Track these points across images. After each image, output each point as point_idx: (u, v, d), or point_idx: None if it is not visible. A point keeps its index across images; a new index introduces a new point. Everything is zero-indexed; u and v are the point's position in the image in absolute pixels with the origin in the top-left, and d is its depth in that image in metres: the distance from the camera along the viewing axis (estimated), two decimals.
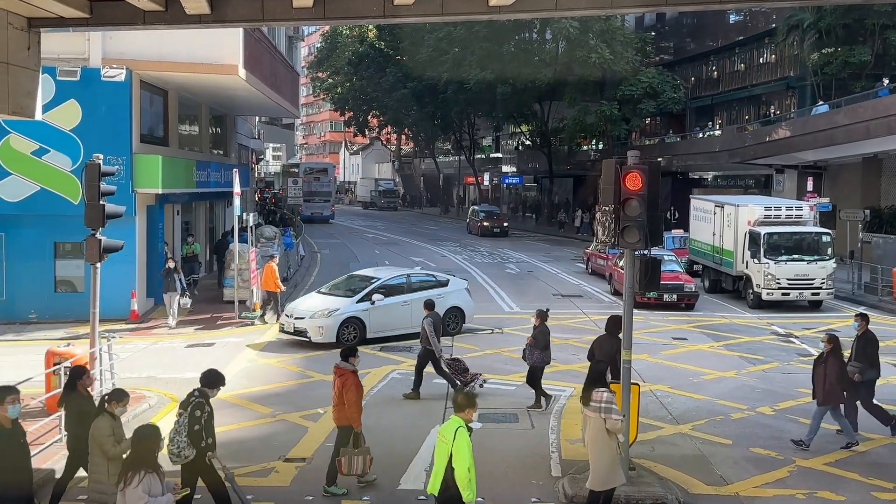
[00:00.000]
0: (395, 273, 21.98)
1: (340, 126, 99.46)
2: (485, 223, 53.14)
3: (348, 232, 57.69)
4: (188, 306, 22.67)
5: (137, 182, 22.47)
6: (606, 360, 11.92)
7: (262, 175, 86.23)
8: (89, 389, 10.57)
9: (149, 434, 7.78)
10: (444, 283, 21.58)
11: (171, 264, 21.71)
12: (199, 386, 9.65)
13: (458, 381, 15.21)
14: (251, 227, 26.08)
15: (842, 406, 12.87)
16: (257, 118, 51.26)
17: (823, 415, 12.66)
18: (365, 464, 10.80)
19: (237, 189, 24.24)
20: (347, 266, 36.71)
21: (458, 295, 21.43)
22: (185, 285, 22.51)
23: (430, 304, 15.93)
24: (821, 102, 37.94)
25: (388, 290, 20.44)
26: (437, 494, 8.23)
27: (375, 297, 20.01)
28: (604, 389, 9.65)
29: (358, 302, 19.98)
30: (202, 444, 9.20)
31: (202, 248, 26.27)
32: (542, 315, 14.84)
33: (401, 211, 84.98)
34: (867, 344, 13.29)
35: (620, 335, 11.78)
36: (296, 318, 19.93)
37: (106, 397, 9.04)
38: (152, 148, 24.08)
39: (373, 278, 21.05)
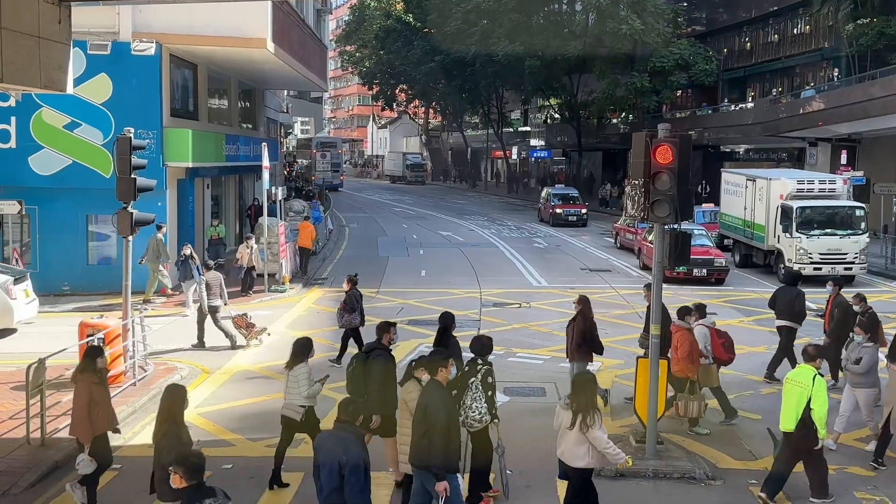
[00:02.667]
0: None
1: (368, 100, 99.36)
2: (557, 210, 43.50)
3: (376, 206, 57.81)
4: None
5: (168, 156, 22.64)
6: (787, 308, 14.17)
7: (291, 149, 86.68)
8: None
9: (592, 379, 8.72)
10: None
11: (186, 251, 20.88)
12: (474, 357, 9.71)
13: (238, 335, 17.06)
14: (280, 201, 26.20)
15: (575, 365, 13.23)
16: (286, 92, 51.36)
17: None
18: (699, 409, 11.84)
19: (266, 163, 24.34)
20: (375, 240, 36.89)
21: None
22: (202, 272, 21.40)
23: (208, 266, 17.93)
24: (808, 87, 37.39)
25: None
26: (793, 431, 9.53)
27: None
28: None
29: None
30: (494, 410, 9.32)
31: (227, 231, 25.52)
32: (352, 280, 15.89)
33: (429, 185, 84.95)
34: (665, 314, 13.50)
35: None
36: None
37: (413, 363, 9.18)
38: (182, 122, 24.23)
39: None
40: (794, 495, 10.08)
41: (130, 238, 14.53)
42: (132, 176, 14.27)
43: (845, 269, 25.14)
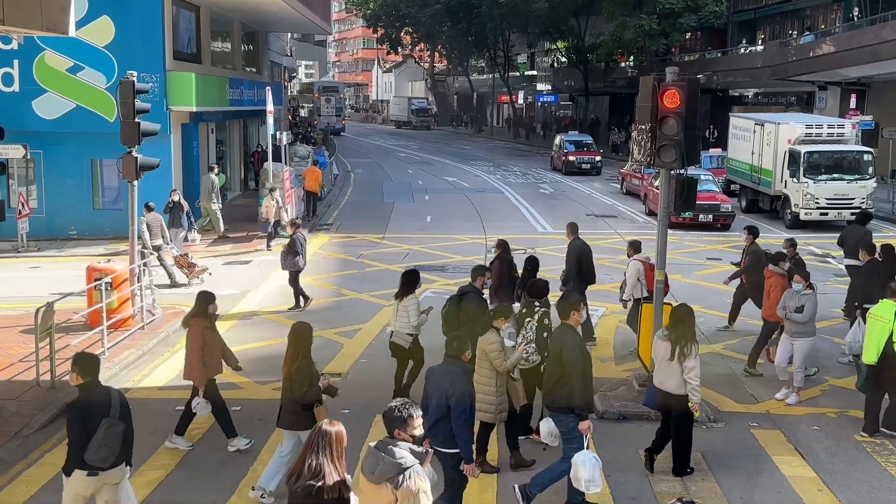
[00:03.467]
0: None
1: (373, 43, 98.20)
2: (570, 157, 41.43)
3: (381, 151, 57.56)
4: (197, 242, 21.45)
5: (171, 100, 22.50)
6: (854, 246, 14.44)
7: (295, 93, 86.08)
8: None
9: (690, 312, 9.16)
10: None
11: (175, 197, 19.99)
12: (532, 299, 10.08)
13: (178, 275, 17.76)
14: (285, 146, 26.08)
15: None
16: (289, 35, 50.80)
17: None
18: None
19: (270, 107, 24.18)
20: (380, 186, 36.85)
21: None
22: (192, 220, 20.95)
23: (147, 207, 17.86)
24: (807, 33, 36.66)
25: None
26: (874, 363, 9.97)
27: None
28: None
29: None
30: (546, 353, 9.51)
31: (226, 180, 24.62)
32: (295, 223, 16.42)
33: (434, 130, 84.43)
34: (570, 252, 14.05)
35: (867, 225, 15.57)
36: None
37: (491, 313, 9.32)
38: (185, 65, 24.03)
39: None
40: (793, 435, 10.21)
41: (135, 183, 14.52)
42: (136, 120, 14.21)
43: (851, 214, 25.00)
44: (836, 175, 24.98)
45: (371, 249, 22.11)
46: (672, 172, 10.78)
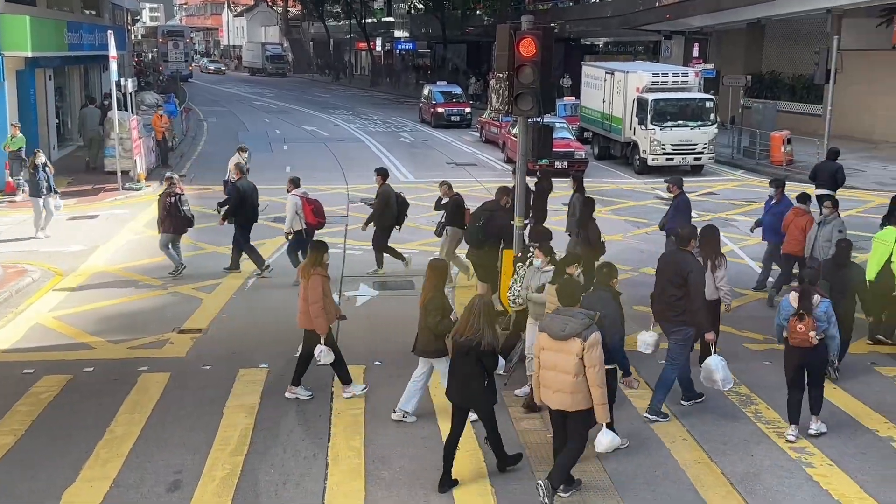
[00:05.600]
0: None
1: None
2: (438, 109, 39.47)
3: (235, 99, 55.79)
4: (60, 208, 17.97)
5: (4, 45, 21.02)
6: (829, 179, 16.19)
7: (140, 38, 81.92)
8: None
9: (715, 230, 10.39)
10: None
11: (39, 159, 17.06)
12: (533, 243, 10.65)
13: None
14: (131, 94, 24.83)
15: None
16: None
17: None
18: None
19: (113, 52, 22.90)
20: (236, 135, 35.74)
21: None
22: (52, 184, 17.39)
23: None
24: None
25: None
26: (873, 280, 11.17)
27: None
28: None
29: None
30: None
31: (25, 142, 21.52)
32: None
33: (290, 77, 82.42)
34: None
35: None
36: None
37: (561, 261, 9.56)
38: (19, 7, 22.50)
39: None
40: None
41: None
42: None
43: (695, 159, 26.31)
44: (680, 122, 26.07)
45: None
46: (529, 120, 10.95)
